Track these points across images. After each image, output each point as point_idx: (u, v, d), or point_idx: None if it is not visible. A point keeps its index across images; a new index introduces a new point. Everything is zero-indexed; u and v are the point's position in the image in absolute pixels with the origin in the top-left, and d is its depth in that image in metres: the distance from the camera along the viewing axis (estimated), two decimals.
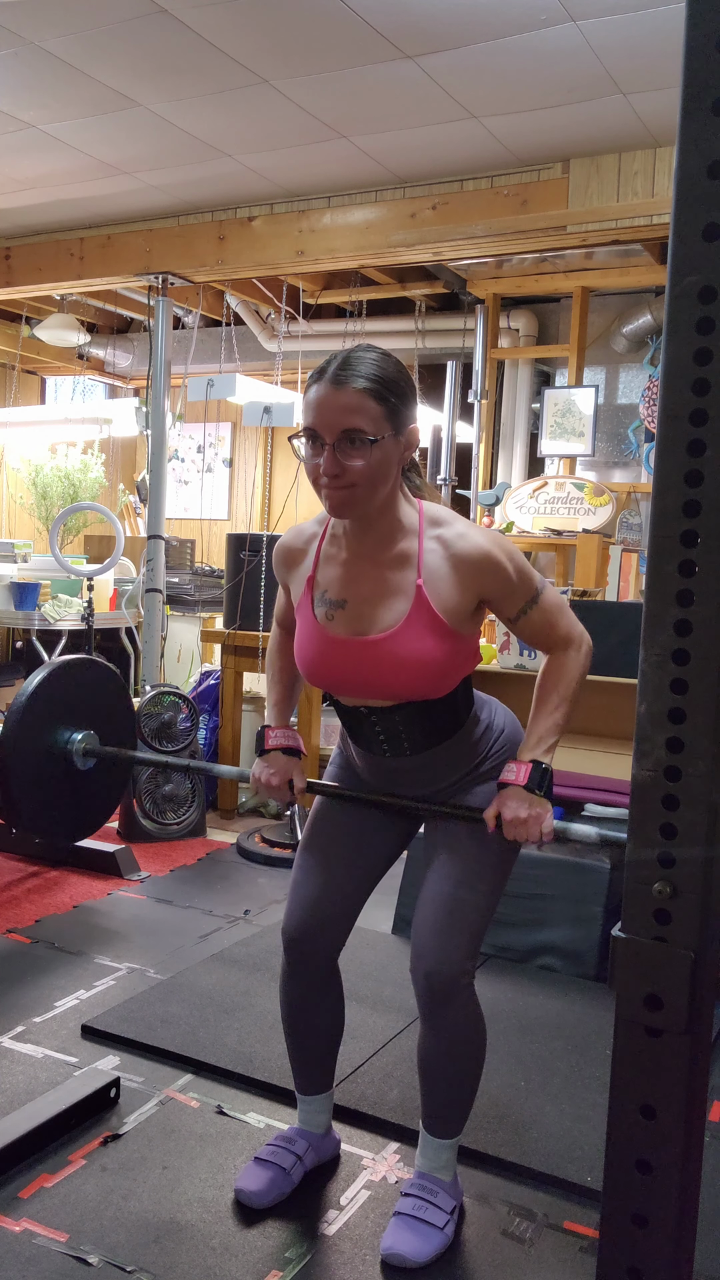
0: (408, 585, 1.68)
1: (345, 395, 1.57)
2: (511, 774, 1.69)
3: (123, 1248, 1.78)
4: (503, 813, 1.65)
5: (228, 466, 7.33)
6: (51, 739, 1.99)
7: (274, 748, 1.92)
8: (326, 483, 1.60)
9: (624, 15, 3.02)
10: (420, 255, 4.52)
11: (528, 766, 1.68)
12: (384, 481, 1.63)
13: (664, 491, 0.87)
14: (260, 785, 1.90)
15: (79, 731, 2.01)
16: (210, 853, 4.15)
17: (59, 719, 1.99)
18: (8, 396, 7.39)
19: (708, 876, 0.89)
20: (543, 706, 1.73)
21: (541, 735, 1.70)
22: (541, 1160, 2.08)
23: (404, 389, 1.63)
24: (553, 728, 1.70)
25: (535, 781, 1.66)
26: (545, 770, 1.67)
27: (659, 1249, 0.93)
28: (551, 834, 1.65)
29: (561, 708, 1.71)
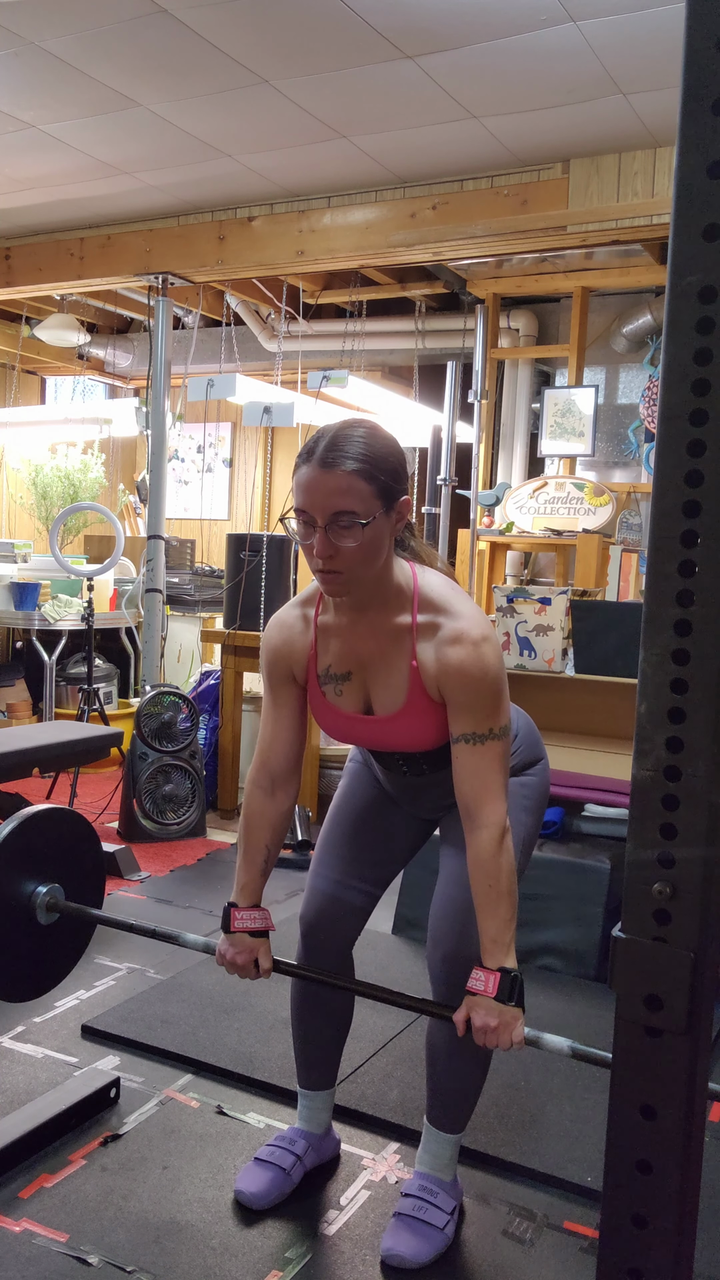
0: (404, 665, 1.69)
1: (334, 478, 1.56)
2: (480, 984, 1.60)
3: (123, 1248, 1.78)
4: (472, 1019, 1.59)
5: (228, 466, 7.33)
6: (14, 892, 1.92)
7: (240, 930, 1.80)
8: (321, 565, 1.60)
9: (624, 15, 3.02)
10: (420, 255, 4.52)
11: (495, 977, 1.60)
12: (376, 558, 1.63)
13: (664, 491, 0.87)
14: (225, 963, 1.81)
15: (44, 885, 1.95)
16: (210, 853, 4.15)
17: (24, 871, 1.93)
18: (8, 396, 7.39)
19: (708, 876, 0.89)
20: (484, 908, 1.64)
21: (495, 937, 1.62)
22: (541, 1160, 2.08)
23: (393, 465, 1.61)
24: (503, 925, 1.62)
25: (505, 993, 1.58)
26: (515, 979, 1.60)
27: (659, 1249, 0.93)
28: (522, 1042, 1.59)
29: (504, 902, 1.62)
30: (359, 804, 1.96)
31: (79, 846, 2.05)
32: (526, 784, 1.89)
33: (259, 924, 1.81)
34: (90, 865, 2.07)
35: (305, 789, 4.48)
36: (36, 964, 1.99)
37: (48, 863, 1.96)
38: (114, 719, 5.31)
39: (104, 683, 5.75)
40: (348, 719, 1.77)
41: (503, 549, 5.54)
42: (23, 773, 3.41)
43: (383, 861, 1.95)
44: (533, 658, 3.88)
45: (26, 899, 1.93)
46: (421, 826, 1.99)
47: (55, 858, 1.98)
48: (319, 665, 1.77)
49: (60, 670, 5.67)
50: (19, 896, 1.92)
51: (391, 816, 1.95)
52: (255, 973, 1.79)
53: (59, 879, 1.97)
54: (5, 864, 1.88)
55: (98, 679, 5.55)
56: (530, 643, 3.48)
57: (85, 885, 2.04)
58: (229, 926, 1.81)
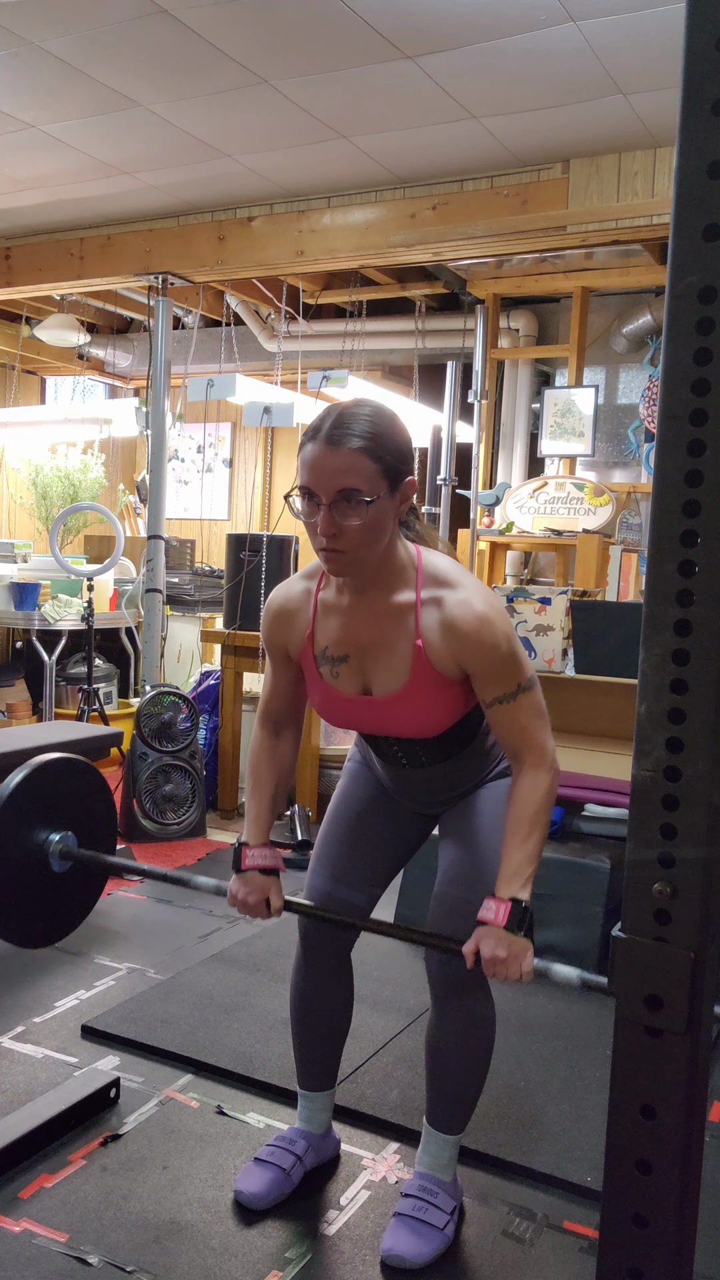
0: (407, 643, 1.68)
1: (340, 456, 1.56)
2: (490, 913, 1.61)
3: (123, 1248, 1.78)
4: (481, 950, 1.59)
5: (228, 466, 7.33)
6: (28, 840, 1.93)
7: (251, 868, 1.82)
8: (325, 544, 1.60)
9: (624, 15, 3.02)
10: (420, 255, 4.52)
11: (507, 905, 1.60)
12: (380, 537, 1.62)
13: (664, 491, 0.87)
14: (236, 903, 1.82)
15: (56, 833, 1.96)
16: (210, 853, 4.15)
17: (37, 819, 1.94)
18: (8, 396, 7.39)
19: (708, 876, 0.89)
20: (514, 836, 1.65)
21: (517, 868, 1.63)
22: (541, 1160, 2.08)
23: (399, 444, 1.61)
24: (527, 859, 1.63)
25: (515, 922, 1.59)
26: (525, 909, 1.60)
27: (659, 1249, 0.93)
28: (531, 974, 1.58)
29: (533, 835, 1.63)
30: (358, 803, 1.95)
31: (91, 795, 2.06)
32: None
33: (270, 861, 1.83)
34: (102, 813, 2.08)
35: (305, 789, 4.48)
36: (50, 911, 2.00)
37: (60, 811, 1.97)
38: (114, 719, 5.31)
39: (104, 683, 5.75)
40: (345, 701, 1.75)
41: (503, 549, 5.54)
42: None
43: (382, 860, 1.94)
44: (533, 658, 3.87)
45: (39, 846, 1.94)
46: (421, 824, 1.98)
47: (67, 806, 1.99)
48: (316, 645, 1.76)
49: (60, 670, 5.67)
50: (32, 844, 1.93)
51: (391, 815, 1.95)
52: (266, 912, 1.81)
53: (71, 827, 1.98)
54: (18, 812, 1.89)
55: (98, 679, 5.55)
56: (530, 643, 3.48)
57: (98, 833, 2.05)
58: (240, 865, 1.82)
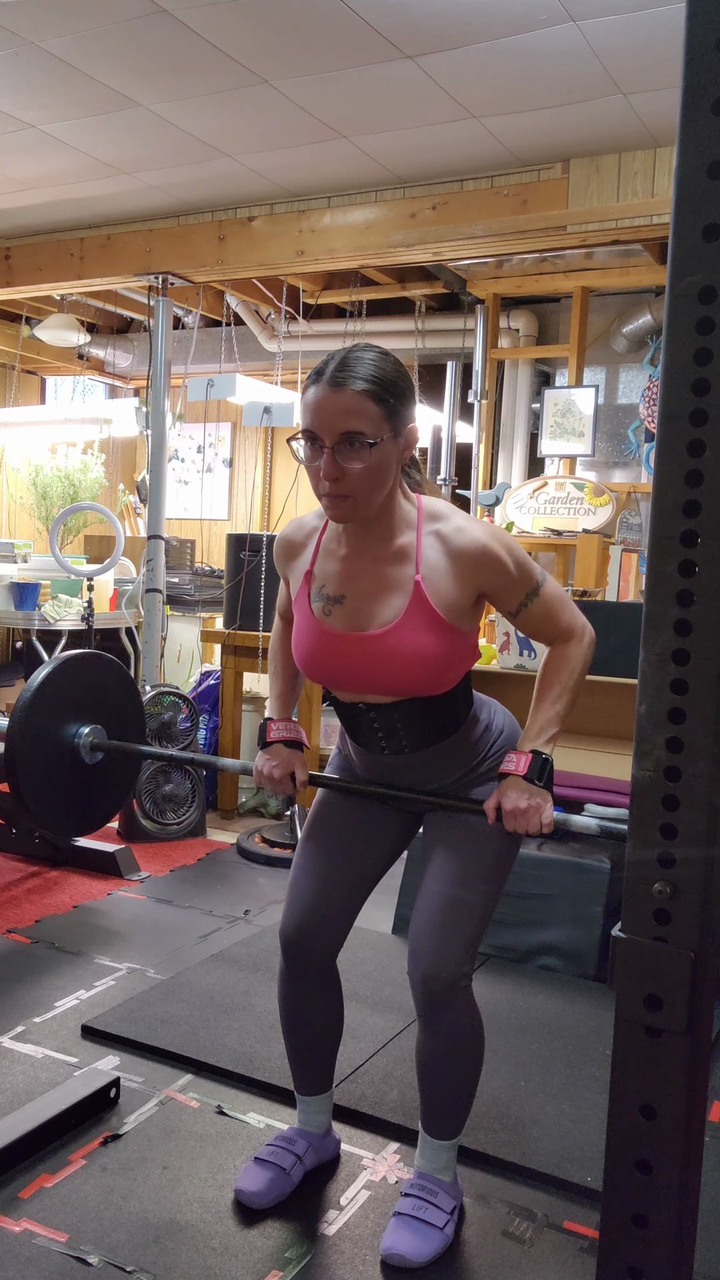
0: (406, 581, 1.68)
1: (344, 397, 1.56)
2: (512, 764, 1.67)
3: (123, 1248, 1.78)
4: (503, 803, 1.64)
5: (228, 466, 7.33)
6: (59, 733, 1.99)
7: (276, 740, 1.90)
8: (327, 488, 1.60)
9: (624, 15, 3.02)
10: (420, 255, 4.52)
11: (528, 757, 1.66)
12: (383, 483, 1.62)
13: (664, 491, 0.87)
14: (263, 778, 1.87)
15: (86, 725, 2.02)
16: (210, 853, 4.15)
17: (66, 713, 2.01)
18: (8, 396, 7.39)
19: (708, 876, 0.89)
20: (544, 697, 1.71)
21: (543, 726, 1.68)
22: (541, 1160, 2.08)
23: (402, 389, 1.62)
24: (554, 718, 1.68)
25: (535, 772, 1.64)
26: (546, 760, 1.65)
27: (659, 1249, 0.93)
28: (551, 824, 1.63)
29: (564, 698, 1.69)
30: (338, 812, 1.92)
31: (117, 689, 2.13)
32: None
33: (294, 734, 1.89)
34: (129, 707, 2.15)
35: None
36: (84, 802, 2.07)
37: (88, 705, 2.04)
38: None
39: None
40: (332, 638, 1.72)
41: None
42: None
43: (364, 868, 1.91)
44: (533, 658, 3.87)
45: (71, 739, 1.99)
46: (402, 826, 1.94)
47: (95, 701, 2.07)
48: (313, 582, 1.76)
49: None
50: (64, 737, 1.98)
51: (371, 821, 1.92)
52: (293, 786, 1.85)
53: (100, 720, 2.04)
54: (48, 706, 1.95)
55: None
56: (530, 643, 3.48)
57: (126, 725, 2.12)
58: (265, 739, 1.88)
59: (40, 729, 1.95)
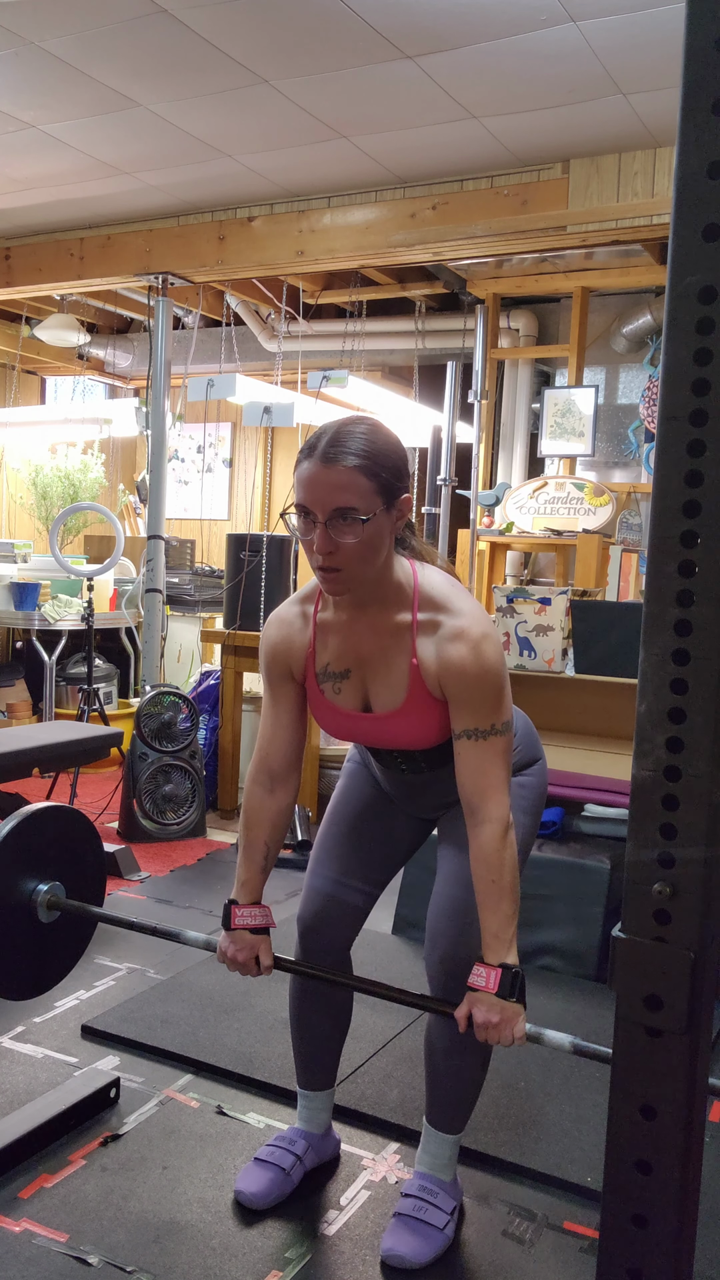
0: (404, 660, 1.69)
1: (336, 473, 1.56)
2: (480, 979, 1.61)
3: (123, 1248, 1.78)
4: (474, 1014, 1.59)
5: (228, 466, 7.33)
6: (15, 889, 1.93)
7: (240, 928, 1.81)
8: (321, 561, 1.60)
9: (624, 15, 3.02)
10: (420, 255, 4.52)
11: (497, 973, 1.60)
12: (376, 556, 1.62)
13: (664, 491, 0.87)
14: (226, 960, 1.82)
15: (45, 883, 1.96)
16: (210, 853, 4.15)
17: (25, 869, 1.94)
18: (8, 396, 7.39)
19: (708, 876, 0.89)
20: (486, 903, 1.64)
21: (496, 933, 1.63)
22: (541, 1160, 2.08)
23: (395, 462, 1.61)
24: (505, 921, 1.62)
25: (506, 989, 1.59)
26: (516, 975, 1.60)
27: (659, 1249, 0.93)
28: (524, 1038, 1.59)
29: (506, 898, 1.63)
30: (357, 804, 1.95)
31: (80, 844, 2.05)
32: (524, 784, 1.89)
33: (259, 921, 1.82)
34: (91, 863, 2.07)
35: (305, 789, 4.47)
36: (37, 962, 1.99)
37: (48, 861, 1.96)
38: (114, 719, 5.31)
39: (104, 683, 5.75)
40: (347, 716, 1.77)
41: (503, 549, 5.54)
42: (23, 773, 3.41)
43: (381, 861, 1.94)
44: (533, 658, 3.88)
45: (27, 897, 1.93)
46: (420, 826, 1.98)
47: (56, 856, 1.98)
48: (317, 663, 1.77)
49: (60, 670, 5.67)
50: (20, 894, 1.92)
51: (389, 816, 1.95)
52: (256, 970, 1.80)
53: (60, 877, 1.97)
54: (6, 862, 1.88)
55: (98, 679, 5.55)
56: (530, 643, 3.48)
57: (86, 883, 2.04)
58: (229, 924, 1.81)
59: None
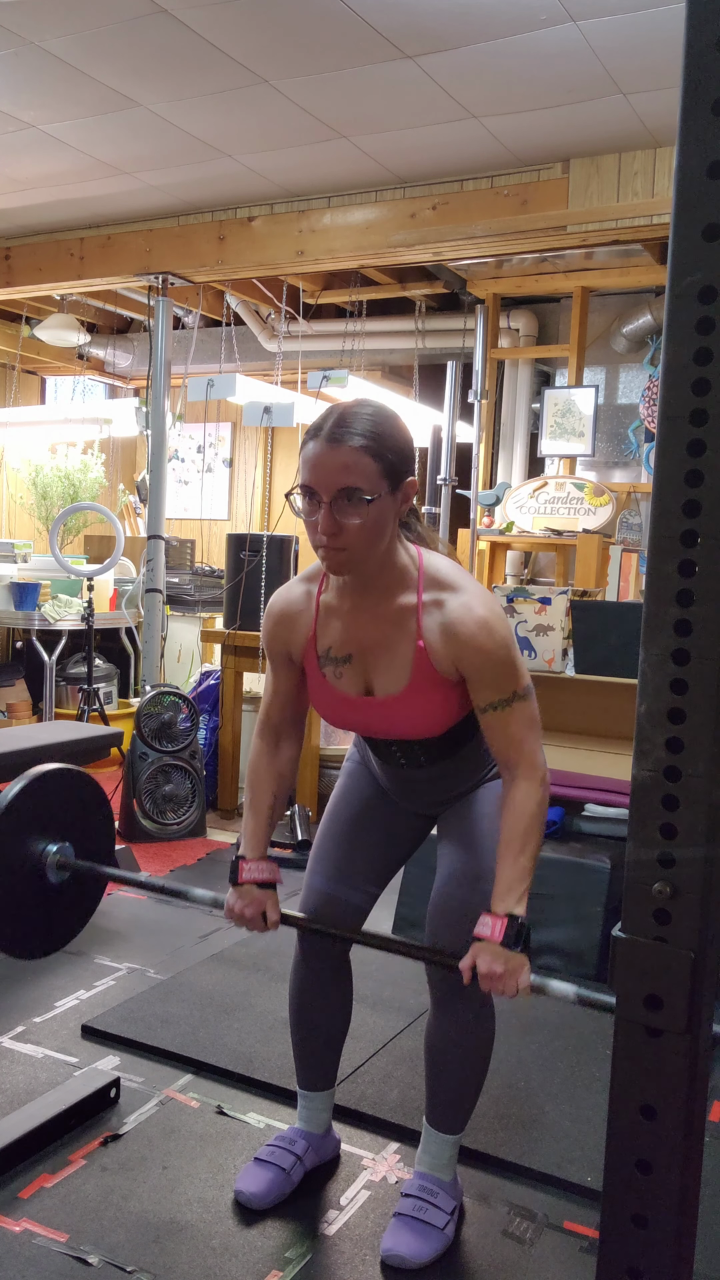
0: (408, 644, 1.68)
1: (341, 454, 1.56)
2: (486, 929, 1.61)
3: (123, 1248, 1.78)
4: (478, 965, 1.59)
5: (228, 466, 7.33)
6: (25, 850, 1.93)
7: (247, 882, 1.84)
8: (324, 542, 1.60)
9: (624, 15, 3.02)
10: (420, 255, 4.52)
11: (503, 922, 1.60)
12: (380, 537, 1.62)
13: (664, 491, 0.87)
14: (233, 917, 1.83)
15: (54, 843, 1.97)
16: (210, 852, 4.15)
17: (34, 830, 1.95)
18: (8, 396, 7.39)
19: (708, 876, 0.89)
20: (506, 854, 1.65)
21: (510, 884, 1.63)
22: (541, 1160, 2.08)
23: (400, 444, 1.62)
24: (521, 874, 1.63)
25: (511, 938, 1.59)
26: (522, 925, 1.60)
27: (659, 1249, 0.93)
28: (528, 989, 1.58)
29: (526, 850, 1.63)
30: (356, 803, 1.95)
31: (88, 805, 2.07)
32: None
33: (266, 875, 1.84)
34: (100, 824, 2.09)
35: (305, 788, 4.48)
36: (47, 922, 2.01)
37: (57, 822, 1.98)
38: (114, 719, 5.31)
39: (104, 683, 5.75)
40: (347, 701, 1.76)
41: (503, 549, 5.54)
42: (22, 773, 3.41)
43: (381, 860, 1.94)
44: (533, 658, 3.87)
45: (37, 857, 1.94)
46: (419, 824, 1.98)
47: (65, 817, 2.00)
48: (319, 645, 1.76)
49: (60, 670, 5.67)
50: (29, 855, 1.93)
51: (389, 815, 1.95)
52: (263, 925, 1.82)
53: (69, 837, 1.99)
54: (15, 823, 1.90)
55: (98, 679, 5.55)
56: (530, 643, 3.48)
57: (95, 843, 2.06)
58: (237, 879, 1.84)
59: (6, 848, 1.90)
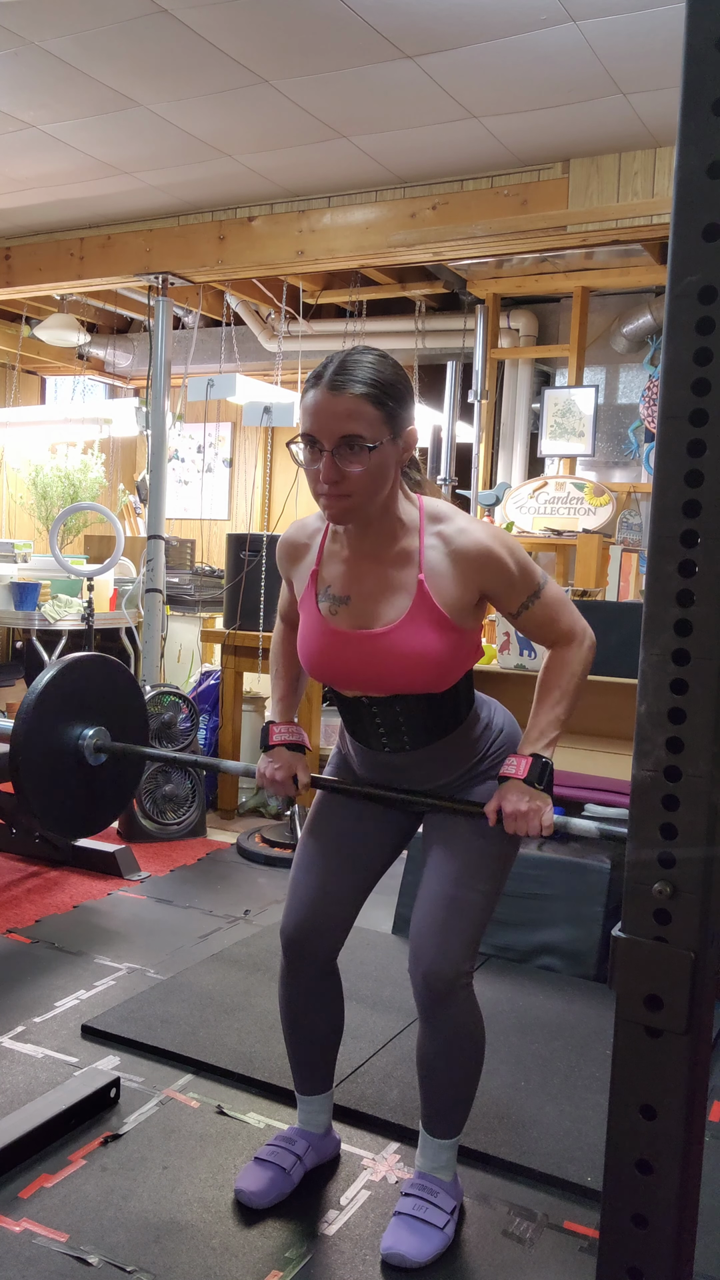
0: (410, 581, 1.69)
1: (343, 401, 1.56)
2: (512, 768, 1.68)
3: (123, 1248, 1.78)
4: (503, 806, 1.65)
5: (228, 466, 7.33)
6: (63, 734, 2.01)
7: (278, 743, 1.92)
8: (326, 490, 1.60)
9: (624, 15, 3.02)
10: (420, 255, 4.52)
11: (528, 760, 1.68)
12: (382, 485, 1.63)
13: (664, 491, 0.87)
14: (265, 780, 1.90)
15: (90, 727, 2.04)
16: (210, 853, 4.15)
17: (70, 715, 2.02)
18: (8, 396, 7.39)
19: (708, 876, 0.89)
20: (544, 700, 1.72)
21: (543, 729, 1.70)
22: (541, 1160, 2.08)
23: (401, 391, 1.62)
24: (554, 722, 1.70)
25: (535, 775, 1.66)
26: (546, 764, 1.67)
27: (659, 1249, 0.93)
28: (551, 827, 1.64)
29: (563, 702, 1.70)
30: (339, 810, 1.93)
31: (121, 690, 2.16)
32: None
33: (296, 737, 1.92)
34: (133, 707, 2.18)
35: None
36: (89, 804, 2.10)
37: (92, 707, 2.07)
38: None
39: None
40: (337, 636, 1.73)
41: None
42: None
43: (365, 866, 1.92)
44: (533, 658, 3.87)
45: (75, 741, 2.02)
46: (402, 824, 1.95)
47: (99, 702, 2.10)
48: (320, 583, 1.77)
49: None
50: (68, 739, 2.01)
51: (372, 819, 1.92)
52: (295, 789, 1.88)
53: (104, 722, 2.06)
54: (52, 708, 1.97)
55: None
56: (530, 643, 3.48)
57: (130, 727, 2.15)
58: (268, 742, 1.91)
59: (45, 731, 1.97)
